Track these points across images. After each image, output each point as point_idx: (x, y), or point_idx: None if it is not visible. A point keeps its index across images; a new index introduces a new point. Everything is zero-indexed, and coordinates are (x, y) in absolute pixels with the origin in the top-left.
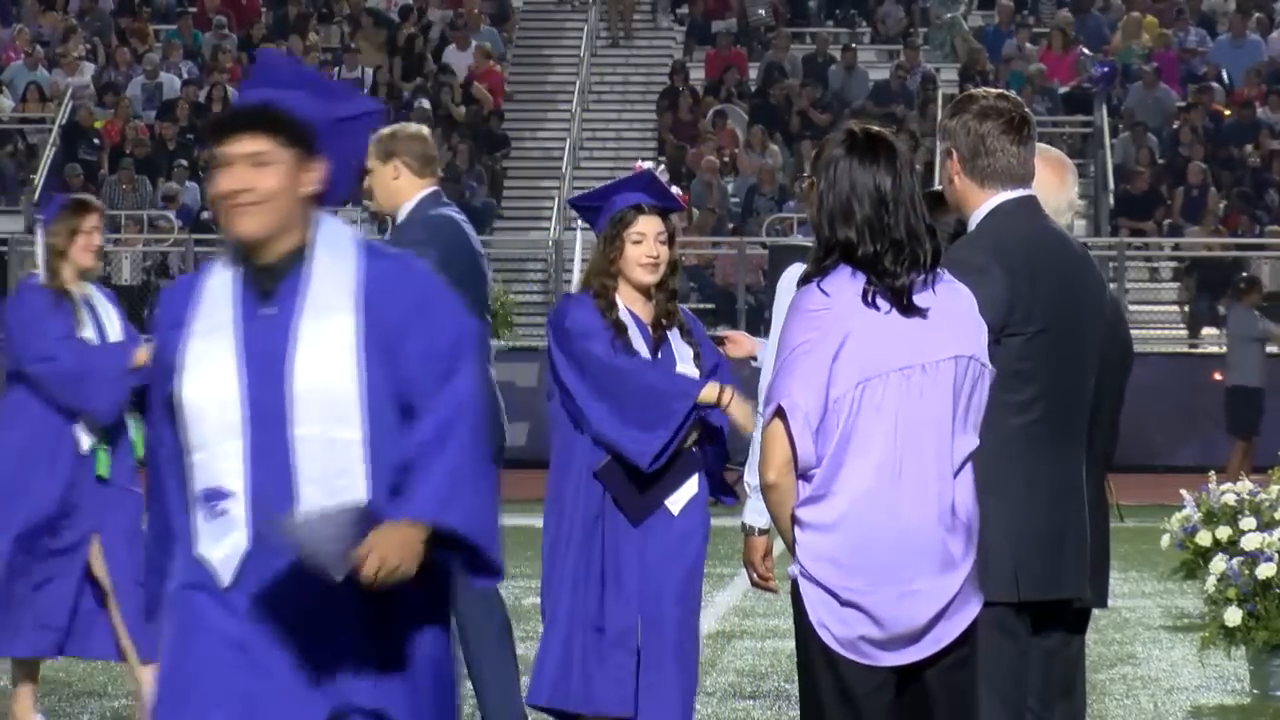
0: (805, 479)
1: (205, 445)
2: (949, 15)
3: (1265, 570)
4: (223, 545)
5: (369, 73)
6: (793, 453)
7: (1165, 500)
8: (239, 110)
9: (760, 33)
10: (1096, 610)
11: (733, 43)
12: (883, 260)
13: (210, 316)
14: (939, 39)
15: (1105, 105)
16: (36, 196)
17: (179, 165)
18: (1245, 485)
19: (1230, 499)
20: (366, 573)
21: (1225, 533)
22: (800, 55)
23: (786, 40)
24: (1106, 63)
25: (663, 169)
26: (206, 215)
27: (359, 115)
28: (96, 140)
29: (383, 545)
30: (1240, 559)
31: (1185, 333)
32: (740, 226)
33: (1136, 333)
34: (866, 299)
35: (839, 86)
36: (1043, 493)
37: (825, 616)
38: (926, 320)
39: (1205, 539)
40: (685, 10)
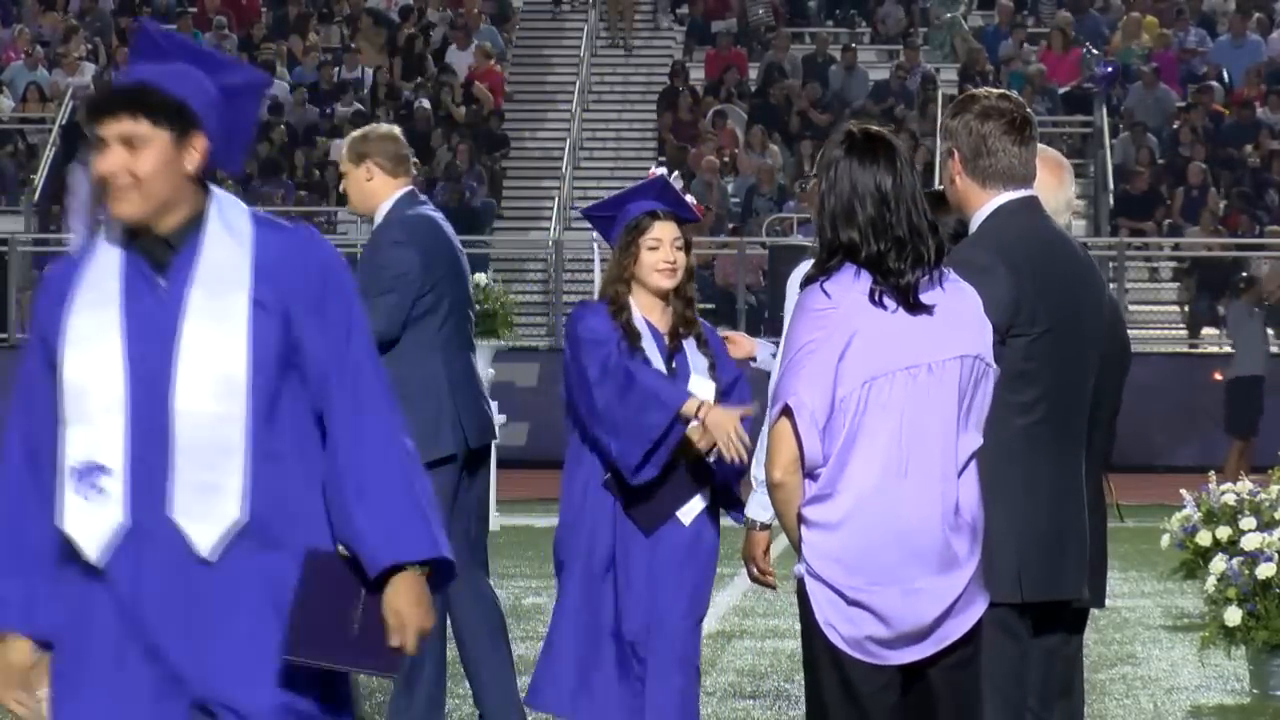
0: (811, 477)
1: (85, 419)
2: (949, 15)
3: (1265, 570)
4: (95, 522)
5: (369, 73)
6: (799, 451)
7: (1165, 500)
8: (112, 91)
9: (760, 33)
10: (1096, 610)
11: (733, 43)
12: (886, 259)
13: (97, 289)
14: (939, 39)
15: (1105, 105)
16: (36, 196)
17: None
18: (1245, 485)
19: (1230, 499)
20: (411, 649)
21: (1225, 533)
22: (800, 55)
23: (786, 40)
24: (1110, 62)
25: (677, 175)
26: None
27: (244, 85)
28: None
29: (410, 615)
30: (1240, 559)
31: (1185, 333)
32: (740, 226)
33: (1136, 333)
34: (873, 298)
35: (839, 86)
36: (1044, 494)
37: (832, 615)
38: (933, 319)
39: (1205, 539)
40: (685, 10)
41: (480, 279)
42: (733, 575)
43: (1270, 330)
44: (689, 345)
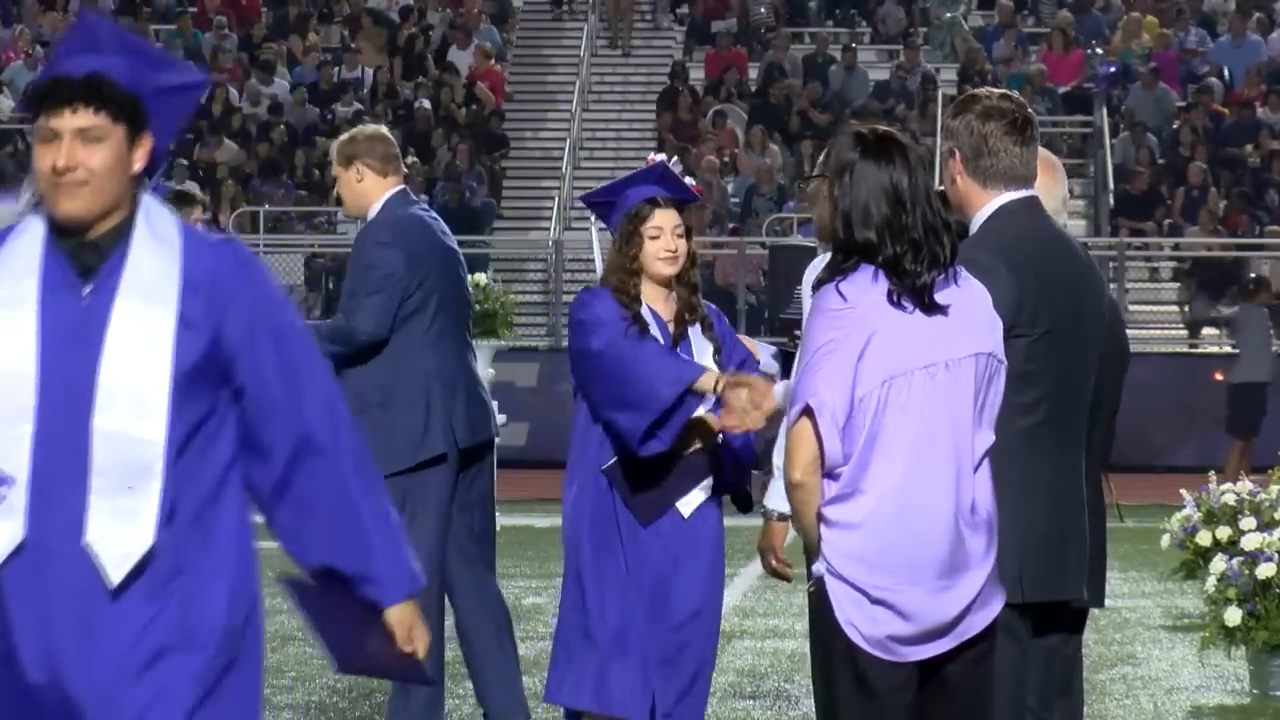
0: (831, 477)
1: None
2: (949, 15)
3: (1265, 570)
4: None
5: (369, 73)
6: (820, 451)
7: (1165, 500)
8: (68, 80)
9: (760, 33)
10: (1096, 610)
11: (733, 43)
12: (904, 261)
13: (11, 285)
14: (939, 39)
15: (1105, 105)
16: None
17: (179, 165)
18: (1245, 485)
19: (1230, 499)
20: (423, 653)
21: (1225, 533)
22: (800, 55)
23: (786, 40)
24: (1112, 63)
25: (676, 160)
26: (206, 215)
27: (182, 86)
28: None
29: (419, 629)
30: (1240, 559)
31: (1185, 333)
32: (740, 226)
33: (1136, 333)
34: (891, 299)
35: (839, 86)
36: (1044, 494)
37: (854, 615)
38: (948, 318)
39: (1205, 539)
40: (685, 10)
41: (480, 279)
42: (733, 575)
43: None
44: (694, 331)
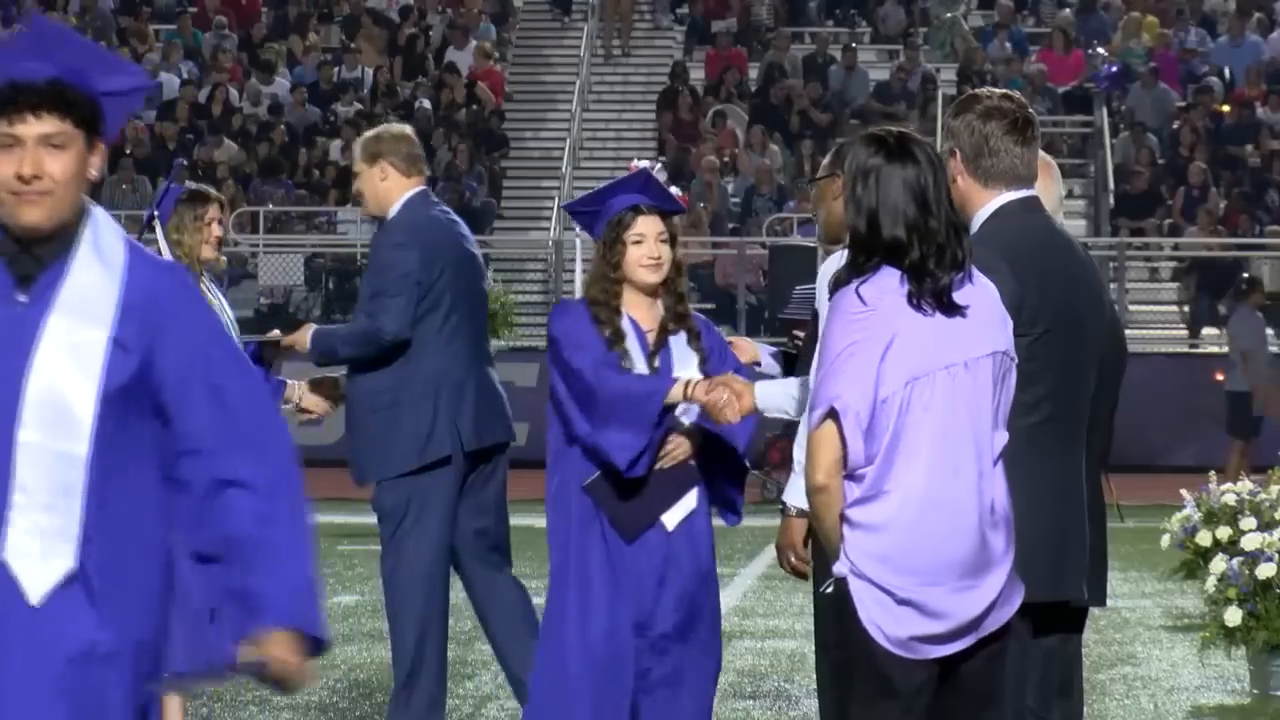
0: (853, 479)
1: None
2: (949, 15)
3: (1265, 570)
4: None
5: (369, 73)
6: (844, 453)
7: (1165, 500)
8: (31, 86)
9: (760, 33)
10: (1096, 610)
11: (733, 43)
12: (928, 264)
13: None
14: (939, 39)
15: (1105, 105)
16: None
17: (179, 165)
18: (1245, 485)
19: (1230, 499)
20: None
21: (1225, 533)
22: (800, 55)
23: (786, 40)
24: (1114, 63)
25: (659, 168)
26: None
27: (129, 90)
28: None
29: (296, 668)
30: (1240, 559)
31: (1185, 333)
32: (740, 226)
33: (1136, 333)
34: (912, 302)
35: (839, 86)
36: (1046, 494)
37: (879, 616)
38: (966, 318)
39: (1205, 539)
40: (685, 10)
41: None
42: (732, 575)
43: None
44: (677, 341)
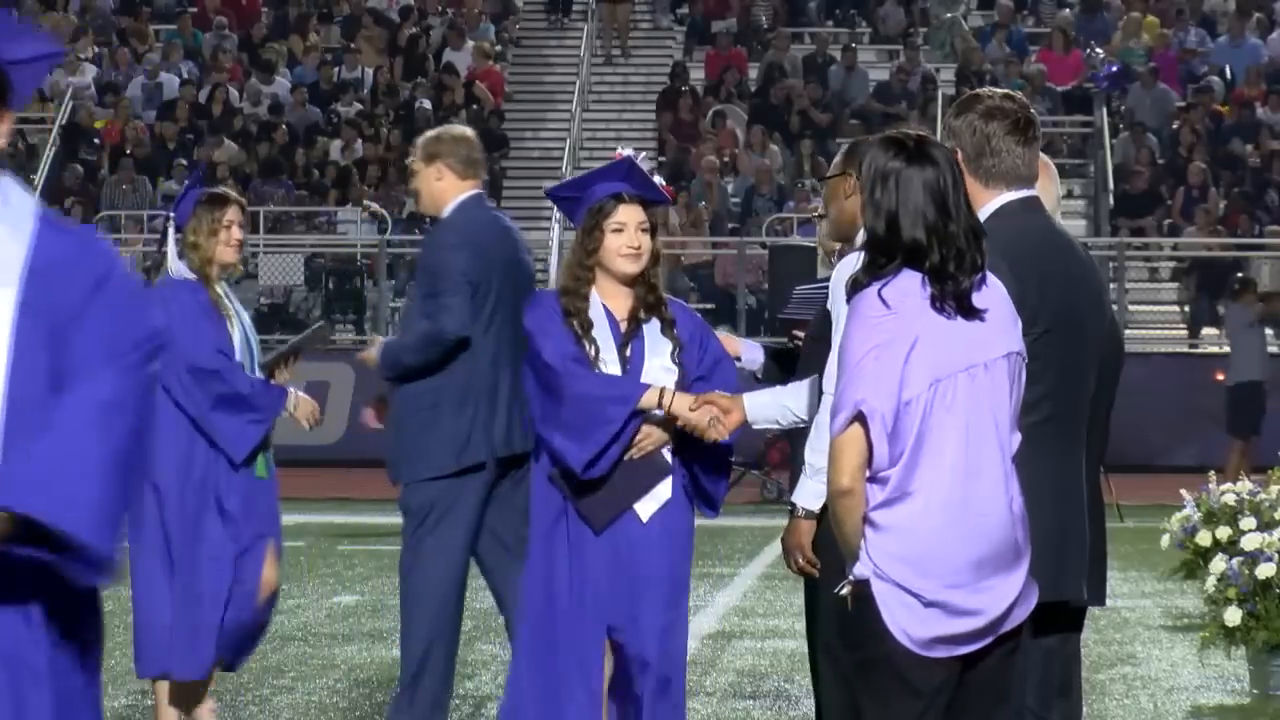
0: (877, 481)
1: None
2: (949, 15)
3: (1265, 570)
4: None
5: (369, 73)
6: (869, 456)
7: (1165, 500)
8: None
9: (760, 33)
10: (1096, 610)
11: (733, 43)
12: (948, 267)
13: None
14: (939, 39)
15: (1105, 105)
16: (36, 196)
17: (179, 165)
18: (1245, 485)
19: (1230, 499)
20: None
21: (1225, 533)
22: (800, 55)
23: (786, 40)
24: (1113, 62)
25: (644, 157)
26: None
27: (36, 58)
28: (96, 140)
29: None
30: (1240, 559)
31: (1185, 333)
32: (740, 226)
33: (1136, 333)
34: (934, 304)
35: (839, 86)
36: (1047, 493)
37: (904, 618)
38: (983, 320)
39: (1205, 539)
40: (685, 10)
41: None
42: (732, 575)
43: (1270, 331)
44: (650, 329)
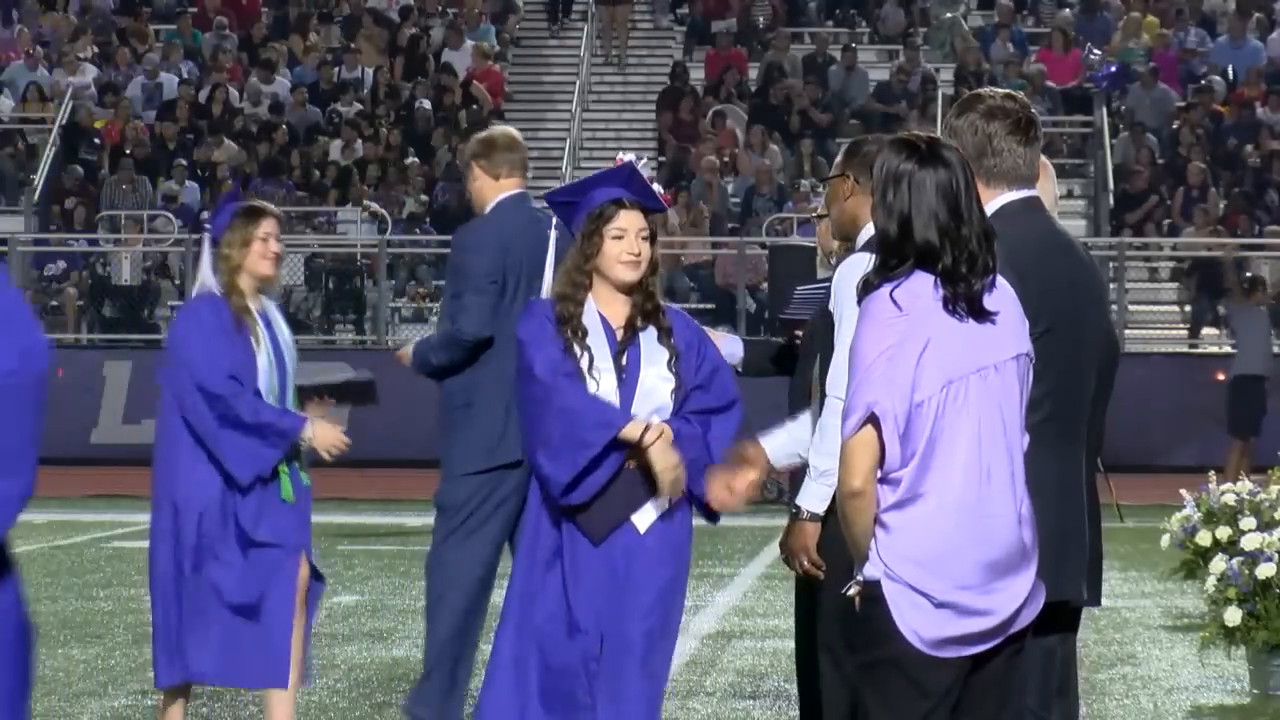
0: (888, 482)
1: None
2: (949, 15)
3: (1265, 570)
4: None
5: (369, 73)
6: (881, 458)
7: (1165, 500)
8: None
9: (760, 33)
10: (1096, 610)
11: (733, 43)
12: (959, 269)
13: None
14: (939, 39)
15: (1105, 105)
16: (36, 196)
17: (179, 165)
18: (1245, 485)
19: (1230, 499)
20: None
21: (1225, 533)
22: (800, 55)
23: (786, 40)
24: (1115, 63)
25: (645, 163)
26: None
27: None
28: (96, 140)
29: None
30: (1240, 559)
31: (1185, 333)
32: (740, 226)
33: (1136, 333)
34: (947, 306)
35: (839, 86)
36: (1049, 493)
37: (915, 619)
38: (994, 322)
39: (1205, 539)
40: (685, 10)
41: None
42: (732, 575)
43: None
44: (646, 338)
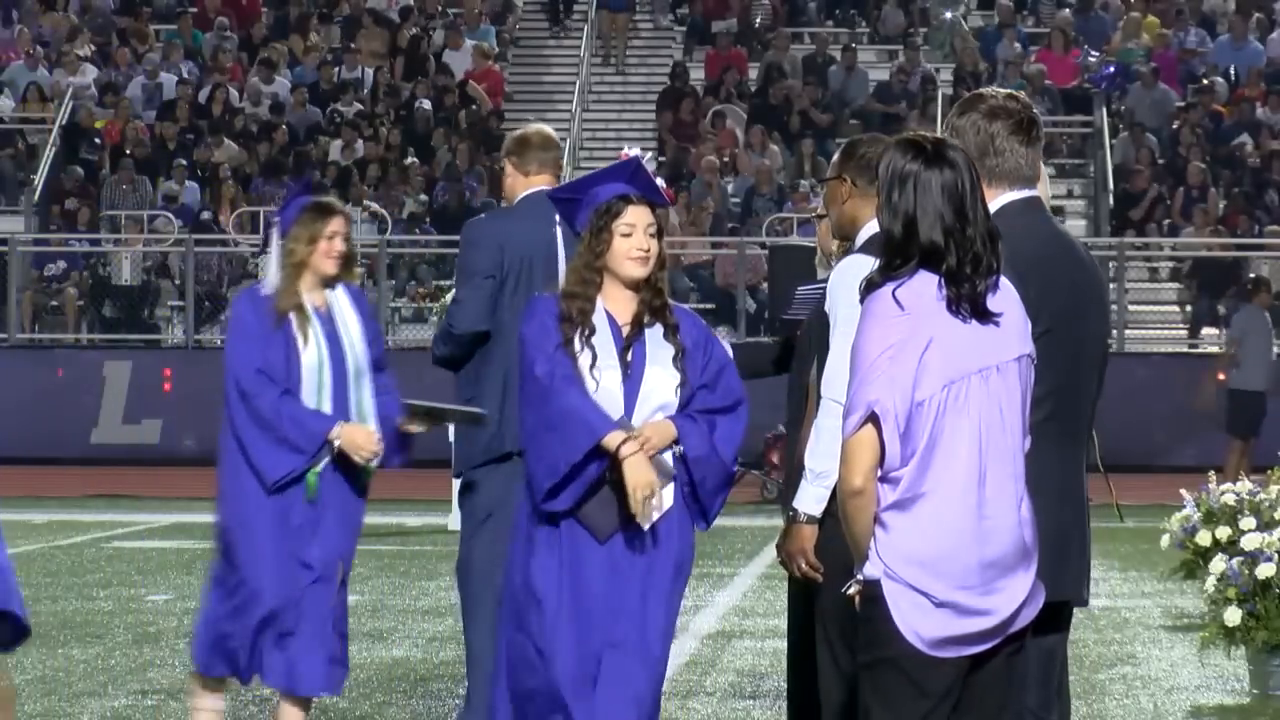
0: (887, 481)
1: None
2: (949, 15)
3: (1265, 570)
4: None
5: (369, 73)
6: (881, 456)
7: (1165, 500)
8: None
9: (760, 33)
10: (1096, 610)
11: (733, 43)
12: (964, 269)
13: None
14: (939, 39)
15: (1105, 105)
16: (36, 196)
17: (179, 165)
18: (1245, 485)
19: (1230, 499)
20: None
21: (1225, 533)
22: (800, 55)
23: (786, 40)
24: (1114, 64)
25: (650, 157)
26: (206, 215)
27: None
28: (96, 140)
29: None
30: (1240, 559)
31: (1185, 333)
32: (740, 226)
33: (1136, 333)
34: (950, 307)
35: (839, 86)
36: (1050, 493)
37: (915, 618)
38: (996, 323)
39: (1205, 539)
40: (685, 10)
41: None
42: (732, 575)
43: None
44: (652, 334)
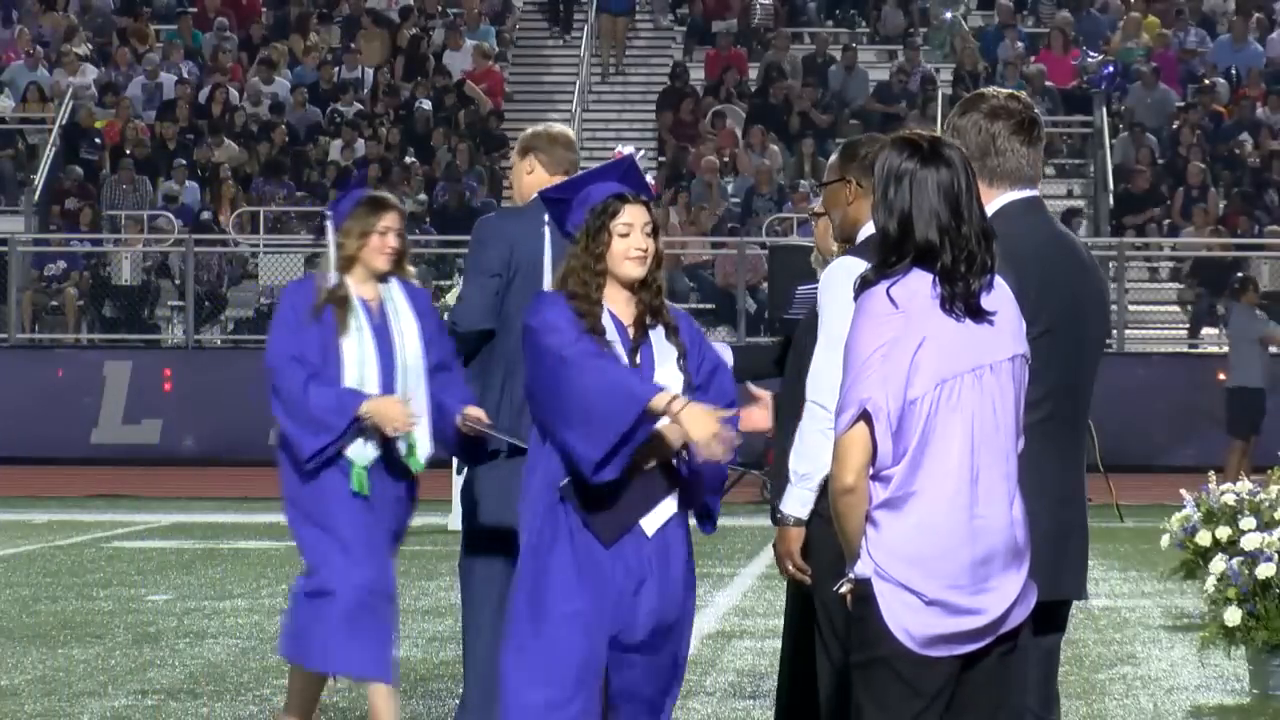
0: (879, 480)
1: None
2: (949, 15)
3: (1265, 570)
4: None
5: (369, 73)
6: (873, 455)
7: (1165, 500)
8: None
9: (760, 33)
10: (1096, 610)
11: (733, 43)
12: (958, 268)
13: None
14: (939, 39)
15: (1105, 105)
16: (36, 196)
17: (179, 165)
18: (1245, 485)
19: (1230, 499)
20: None
21: (1225, 533)
22: (800, 55)
23: (786, 40)
24: (1114, 63)
25: (642, 154)
26: (206, 215)
27: None
28: (96, 140)
29: None
30: (1240, 559)
31: (1185, 333)
32: (740, 226)
33: (1136, 333)
34: (944, 305)
35: (839, 86)
36: (1050, 492)
37: (905, 617)
38: (990, 322)
39: (1205, 539)
40: (685, 10)
41: None
42: (732, 575)
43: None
44: (656, 335)
